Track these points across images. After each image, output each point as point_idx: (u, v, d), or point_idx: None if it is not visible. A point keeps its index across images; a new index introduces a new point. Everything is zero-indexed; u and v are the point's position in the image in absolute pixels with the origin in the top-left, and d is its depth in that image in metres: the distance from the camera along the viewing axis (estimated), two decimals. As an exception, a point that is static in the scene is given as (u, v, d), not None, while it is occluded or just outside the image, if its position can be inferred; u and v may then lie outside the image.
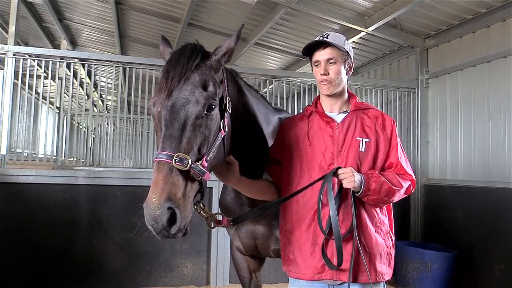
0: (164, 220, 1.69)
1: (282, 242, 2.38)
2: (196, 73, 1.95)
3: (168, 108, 1.85)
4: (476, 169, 5.94)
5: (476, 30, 6.03)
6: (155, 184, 1.74)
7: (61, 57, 6.00)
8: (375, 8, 6.37)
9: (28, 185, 5.20)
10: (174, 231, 1.74)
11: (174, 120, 1.84)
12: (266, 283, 5.74)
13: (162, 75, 1.96)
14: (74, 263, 5.27)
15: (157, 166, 1.78)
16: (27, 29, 11.43)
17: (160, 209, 1.68)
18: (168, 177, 1.75)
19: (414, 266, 5.58)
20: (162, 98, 1.87)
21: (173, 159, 1.76)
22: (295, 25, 7.54)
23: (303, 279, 2.23)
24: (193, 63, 1.95)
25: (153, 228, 1.73)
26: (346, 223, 2.15)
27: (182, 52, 1.99)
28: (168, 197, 1.71)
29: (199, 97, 1.89)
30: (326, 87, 2.28)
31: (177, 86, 1.88)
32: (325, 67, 2.27)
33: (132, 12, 8.97)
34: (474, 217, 5.71)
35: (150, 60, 6.30)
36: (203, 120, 1.91)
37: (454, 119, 6.42)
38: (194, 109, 1.87)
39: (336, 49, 2.27)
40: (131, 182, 5.55)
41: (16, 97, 5.58)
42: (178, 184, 1.77)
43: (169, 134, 1.82)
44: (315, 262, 2.18)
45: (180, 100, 1.86)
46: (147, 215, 1.71)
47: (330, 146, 2.25)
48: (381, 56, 8.24)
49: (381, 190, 2.11)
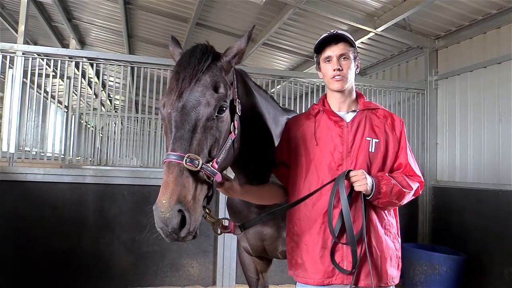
0: (174, 223, 1.66)
1: (289, 246, 2.34)
2: (207, 75, 1.93)
3: (178, 110, 1.83)
4: (485, 171, 5.88)
5: (487, 31, 5.97)
6: (165, 185, 1.72)
7: (70, 56, 6.02)
8: (384, 8, 6.33)
9: (36, 184, 5.22)
10: (184, 234, 1.71)
11: (185, 122, 1.82)
12: (272, 284, 5.72)
13: (172, 76, 1.94)
14: (81, 262, 5.29)
15: (167, 167, 1.75)
16: (36, 28, 11.52)
17: (170, 212, 1.65)
18: (179, 179, 1.72)
19: (422, 269, 5.53)
20: (173, 99, 1.85)
21: (183, 159, 1.73)
22: (303, 25, 7.52)
23: (312, 284, 2.18)
24: (204, 64, 1.93)
25: (162, 231, 1.70)
26: (357, 226, 2.11)
27: (193, 53, 1.97)
28: (179, 200, 1.68)
29: (210, 98, 1.87)
30: (339, 83, 2.23)
31: (188, 88, 1.86)
32: (338, 62, 2.22)
33: (141, 12, 9.00)
34: (483, 220, 5.65)
35: (158, 60, 6.30)
36: (214, 122, 1.89)
37: (463, 121, 6.36)
38: (205, 111, 1.85)
39: (348, 45, 2.24)
40: (138, 181, 5.55)
41: (24, 96, 5.62)
42: (189, 186, 1.74)
43: (180, 136, 1.80)
44: (325, 266, 2.14)
45: (191, 101, 1.84)
46: (156, 218, 1.68)
47: (339, 146, 2.21)
48: (389, 57, 8.19)
49: (392, 193, 2.08)
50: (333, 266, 2.12)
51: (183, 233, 1.70)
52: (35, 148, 5.90)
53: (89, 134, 8.86)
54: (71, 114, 5.96)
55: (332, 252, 2.13)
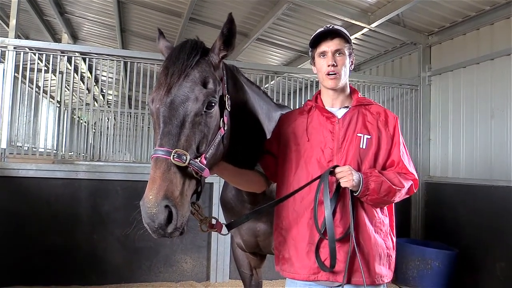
0: (161, 218, 1.66)
1: (277, 241, 2.32)
2: (196, 70, 1.92)
3: (167, 105, 1.83)
4: (478, 167, 5.92)
5: (480, 28, 5.99)
6: (152, 181, 1.71)
7: (62, 50, 5.96)
8: (378, 4, 6.33)
9: (28, 179, 5.19)
10: (171, 230, 1.70)
11: (173, 117, 1.81)
12: (266, 279, 5.72)
13: (161, 71, 1.93)
14: (74, 258, 5.27)
15: (154, 162, 1.75)
16: (28, 22, 11.41)
17: (157, 207, 1.65)
18: (166, 174, 1.72)
19: (414, 264, 5.57)
20: (161, 94, 1.85)
21: (171, 155, 1.73)
22: (297, 20, 7.51)
23: (298, 279, 2.16)
24: (193, 59, 1.92)
25: (149, 227, 1.70)
26: (344, 222, 2.09)
27: (182, 48, 1.96)
28: (165, 195, 1.67)
29: (198, 94, 1.86)
30: (333, 81, 2.21)
31: (177, 83, 1.85)
32: (333, 58, 2.20)
33: (134, 7, 8.95)
34: (475, 215, 5.69)
35: (151, 55, 6.26)
36: (202, 118, 1.88)
37: (456, 117, 6.39)
38: (193, 106, 1.84)
39: (344, 41, 2.22)
40: (131, 177, 5.53)
41: (16, 91, 5.56)
42: (176, 182, 1.73)
43: (168, 131, 1.79)
44: (311, 262, 2.11)
45: (179, 97, 1.84)
46: (143, 213, 1.68)
47: (329, 142, 2.19)
48: (383, 53, 8.21)
49: (381, 189, 2.04)
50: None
51: (169, 228, 1.70)
52: (27, 144, 5.86)
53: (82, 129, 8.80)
54: (63, 109, 5.90)
55: (317, 249, 2.10)
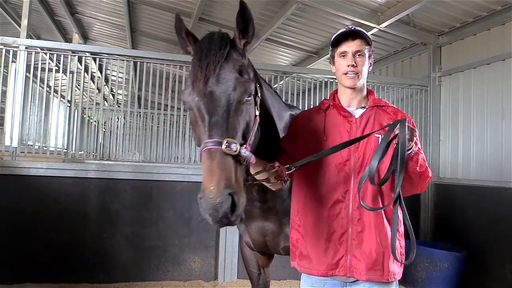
0: (226, 207, 1.64)
1: (294, 238, 2.35)
2: (230, 60, 1.93)
3: (209, 96, 1.83)
4: (488, 168, 5.86)
5: (491, 28, 5.94)
6: (210, 172, 1.69)
7: (73, 50, 6.01)
8: (388, 4, 6.30)
9: (39, 178, 5.24)
10: (235, 217, 1.69)
11: (218, 108, 1.81)
12: (274, 279, 5.73)
13: (196, 64, 1.92)
14: (83, 256, 5.31)
15: (208, 154, 1.74)
16: (39, 22, 11.52)
17: (221, 197, 1.63)
18: (222, 164, 1.71)
19: (423, 265, 5.54)
20: (200, 87, 1.84)
21: (222, 145, 1.73)
22: (306, 21, 7.50)
23: (316, 275, 2.21)
24: (224, 50, 1.92)
25: (212, 218, 1.67)
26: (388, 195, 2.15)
27: (212, 40, 1.96)
28: (226, 184, 1.66)
29: (238, 83, 1.88)
30: (352, 80, 2.24)
31: (214, 74, 1.85)
32: (353, 59, 2.23)
33: (144, 7, 8.99)
34: (485, 217, 5.64)
35: (161, 55, 6.31)
36: (244, 106, 1.90)
37: (466, 118, 6.34)
38: (235, 95, 1.85)
39: (364, 42, 2.25)
40: (140, 176, 5.57)
41: (27, 90, 5.62)
42: (232, 170, 1.73)
43: (215, 122, 1.79)
44: (329, 259, 2.17)
45: (220, 87, 1.84)
46: (205, 205, 1.66)
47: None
48: (393, 53, 8.17)
49: (419, 163, 2.08)
50: (337, 259, 2.15)
51: (234, 216, 1.68)
52: (38, 143, 5.91)
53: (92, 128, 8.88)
54: (74, 108, 5.96)
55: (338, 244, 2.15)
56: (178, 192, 5.67)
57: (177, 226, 5.64)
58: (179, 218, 5.65)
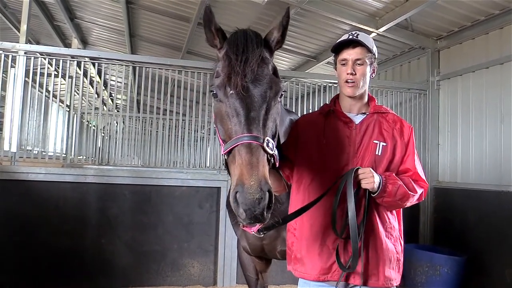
0: (264, 203, 1.59)
1: (290, 241, 2.36)
2: (266, 59, 1.94)
3: (247, 91, 1.80)
4: (487, 172, 5.86)
5: (489, 32, 5.96)
6: (250, 166, 1.64)
7: (72, 55, 6.02)
8: (386, 9, 6.32)
9: (38, 183, 5.23)
10: (268, 215, 1.65)
11: (255, 103, 1.80)
12: (273, 284, 5.72)
13: (232, 57, 1.87)
14: (82, 261, 5.30)
15: (247, 148, 1.69)
16: (38, 27, 11.55)
17: (260, 192, 1.58)
18: (262, 160, 1.69)
19: (423, 270, 5.52)
20: (238, 80, 1.79)
21: (263, 142, 1.72)
22: (305, 25, 7.51)
23: (309, 279, 2.21)
24: (260, 48, 1.91)
25: (247, 213, 1.60)
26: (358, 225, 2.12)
27: (247, 37, 1.92)
28: (266, 180, 1.64)
29: (274, 82, 1.88)
30: (351, 89, 2.25)
31: (252, 70, 1.82)
32: (353, 67, 2.24)
33: (143, 12, 9.01)
34: (484, 221, 5.64)
35: (160, 60, 6.31)
36: (276, 106, 1.90)
37: (465, 122, 6.35)
38: (271, 94, 1.86)
39: (365, 50, 2.26)
40: (140, 181, 5.56)
41: (26, 95, 5.62)
42: (267, 168, 1.73)
43: (253, 117, 1.77)
44: (322, 263, 2.17)
45: (259, 83, 1.83)
46: (242, 199, 1.59)
47: (346, 147, 2.23)
48: (391, 57, 8.18)
49: (397, 193, 2.10)
50: (330, 263, 2.15)
51: (268, 214, 1.64)
52: (37, 148, 5.90)
53: (91, 133, 8.88)
54: (73, 113, 5.96)
55: (337, 250, 2.14)
56: (177, 197, 5.67)
57: (176, 231, 5.63)
58: (178, 223, 5.64)
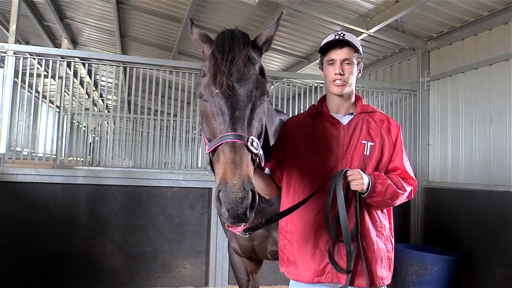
0: (247, 203, 1.58)
1: (282, 243, 2.36)
2: (252, 59, 1.93)
3: (232, 90, 1.79)
4: (477, 172, 5.92)
5: (478, 33, 6.01)
6: (233, 164, 1.63)
7: (62, 56, 5.97)
8: (377, 10, 6.35)
9: (27, 184, 5.18)
10: (252, 214, 1.63)
11: (240, 102, 1.79)
12: (265, 284, 5.72)
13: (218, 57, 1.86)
14: (72, 263, 5.25)
15: (231, 147, 1.68)
16: (28, 27, 11.43)
17: (243, 192, 1.57)
18: (246, 159, 1.68)
19: (413, 269, 5.55)
20: (224, 79, 1.78)
21: (247, 141, 1.71)
22: (296, 26, 7.53)
23: (302, 282, 2.21)
24: (247, 48, 1.90)
25: (229, 213, 1.58)
26: (350, 226, 2.13)
27: (234, 37, 1.92)
28: (249, 180, 1.62)
29: (260, 82, 1.87)
30: (339, 88, 2.25)
31: (239, 70, 1.82)
32: (341, 67, 2.24)
33: (134, 12, 8.97)
34: (474, 220, 5.68)
35: (151, 60, 6.28)
36: (262, 106, 1.89)
37: (455, 122, 6.40)
38: (257, 94, 1.85)
39: (352, 50, 2.26)
40: (130, 182, 5.53)
41: (16, 96, 5.56)
42: (252, 167, 1.71)
43: (238, 116, 1.76)
44: (315, 265, 2.17)
45: (245, 83, 1.82)
46: (225, 198, 1.58)
47: (334, 148, 2.24)
48: (382, 58, 8.22)
49: (386, 192, 2.11)
50: (323, 265, 2.15)
51: (251, 212, 1.63)
52: (26, 149, 5.84)
53: (81, 134, 8.81)
54: (63, 114, 5.90)
55: (330, 251, 2.14)
56: (168, 198, 5.64)
57: (167, 232, 5.61)
58: (169, 224, 5.62)
